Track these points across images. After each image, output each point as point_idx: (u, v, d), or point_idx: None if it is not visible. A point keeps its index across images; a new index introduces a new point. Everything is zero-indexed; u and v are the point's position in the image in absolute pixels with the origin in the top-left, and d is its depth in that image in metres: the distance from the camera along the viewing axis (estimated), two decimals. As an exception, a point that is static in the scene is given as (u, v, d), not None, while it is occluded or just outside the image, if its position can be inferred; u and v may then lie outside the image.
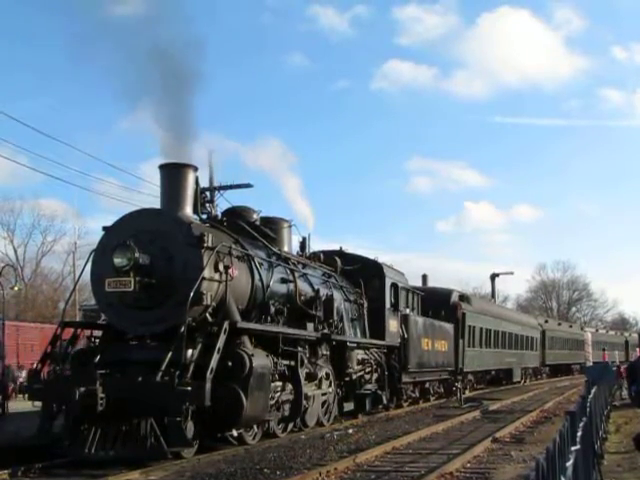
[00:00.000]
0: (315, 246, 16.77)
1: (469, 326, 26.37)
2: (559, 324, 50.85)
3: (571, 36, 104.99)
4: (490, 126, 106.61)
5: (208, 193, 21.81)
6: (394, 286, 18.31)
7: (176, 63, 11.05)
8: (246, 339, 10.56)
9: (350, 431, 13.28)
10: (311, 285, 14.27)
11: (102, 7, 10.84)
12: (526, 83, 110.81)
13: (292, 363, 12.15)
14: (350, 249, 18.63)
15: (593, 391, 9.35)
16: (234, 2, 78.54)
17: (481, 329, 28.23)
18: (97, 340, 11.38)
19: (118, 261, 10.14)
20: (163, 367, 9.47)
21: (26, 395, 11.80)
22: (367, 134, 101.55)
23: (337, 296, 15.19)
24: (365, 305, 16.99)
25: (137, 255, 10.12)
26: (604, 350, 42.13)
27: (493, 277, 50.95)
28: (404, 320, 18.71)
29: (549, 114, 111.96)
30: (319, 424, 13.53)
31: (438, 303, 23.73)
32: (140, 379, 9.54)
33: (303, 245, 16.00)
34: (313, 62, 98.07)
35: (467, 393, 24.27)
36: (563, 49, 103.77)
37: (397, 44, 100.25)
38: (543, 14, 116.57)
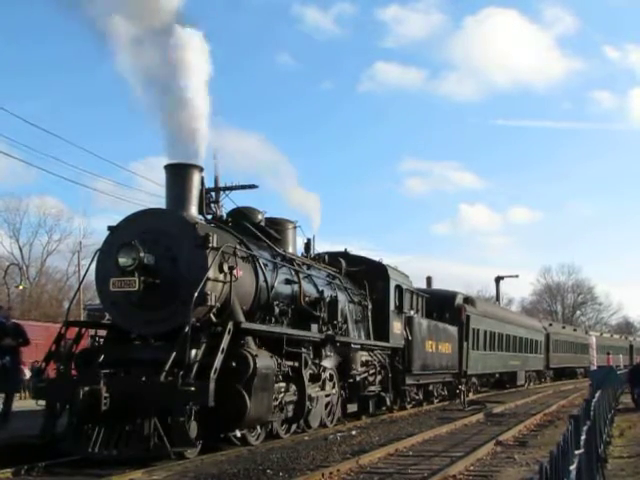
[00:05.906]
0: (320, 248, 16.79)
1: (473, 329, 26.31)
2: (563, 327, 50.70)
3: (562, 36, 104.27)
4: (483, 128, 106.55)
5: (213, 193, 21.85)
6: (398, 288, 18.29)
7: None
8: (250, 340, 10.56)
9: (353, 433, 13.27)
10: (315, 286, 14.26)
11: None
12: (517, 85, 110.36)
13: (296, 364, 12.14)
14: (354, 251, 18.69)
15: (597, 395, 9.33)
16: (216, 3, 78.30)
17: (485, 332, 28.16)
18: (101, 340, 11.40)
19: (123, 261, 10.14)
20: (167, 367, 9.47)
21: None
22: (357, 137, 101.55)
23: (341, 297, 15.18)
24: (369, 307, 16.97)
25: (142, 255, 10.12)
26: (609, 354, 41.99)
27: (498, 280, 50.88)
28: (408, 322, 18.69)
29: (542, 116, 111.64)
30: (322, 425, 13.52)
31: (442, 305, 23.71)
32: (144, 379, 9.53)
33: (308, 246, 16.00)
34: (299, 63, 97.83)
35: (471, 396, 24.21)
36: (554, 49, 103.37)
37: (382, 46, 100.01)
38: (532, 14, 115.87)
